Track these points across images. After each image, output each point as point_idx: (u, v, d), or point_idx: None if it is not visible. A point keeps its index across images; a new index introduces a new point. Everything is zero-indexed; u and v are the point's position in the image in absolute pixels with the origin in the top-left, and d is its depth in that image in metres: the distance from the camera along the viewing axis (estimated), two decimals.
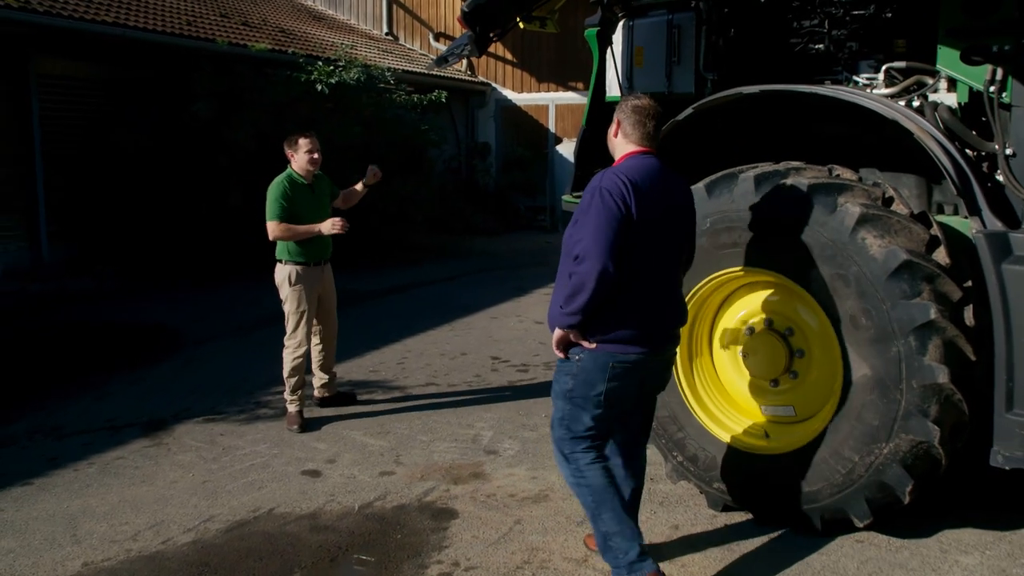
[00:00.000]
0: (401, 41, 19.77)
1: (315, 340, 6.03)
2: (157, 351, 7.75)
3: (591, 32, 5.40)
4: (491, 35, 5.75)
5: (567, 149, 16.86)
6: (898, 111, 3.82)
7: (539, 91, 18.19)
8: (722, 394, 4.43)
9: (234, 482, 4.81)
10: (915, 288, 3.60)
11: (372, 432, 5.61)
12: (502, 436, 5.51)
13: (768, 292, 4.19)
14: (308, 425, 5.71)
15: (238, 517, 4.37)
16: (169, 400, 6.29)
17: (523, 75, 18.39)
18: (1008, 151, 3.83)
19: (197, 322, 8.90)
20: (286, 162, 5.85)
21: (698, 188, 4.16)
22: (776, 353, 4.14)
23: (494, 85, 18.65)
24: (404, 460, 5.13)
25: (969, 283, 3.74)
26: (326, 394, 6.21)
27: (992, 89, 3.84)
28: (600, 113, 5.41)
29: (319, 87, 12.22)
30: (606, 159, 5.36)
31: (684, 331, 4.33)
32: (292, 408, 5.79)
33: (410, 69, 16.48)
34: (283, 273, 5.75)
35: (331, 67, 12.60)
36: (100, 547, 4.06)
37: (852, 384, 3.78)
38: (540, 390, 6.45)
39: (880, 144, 4.30)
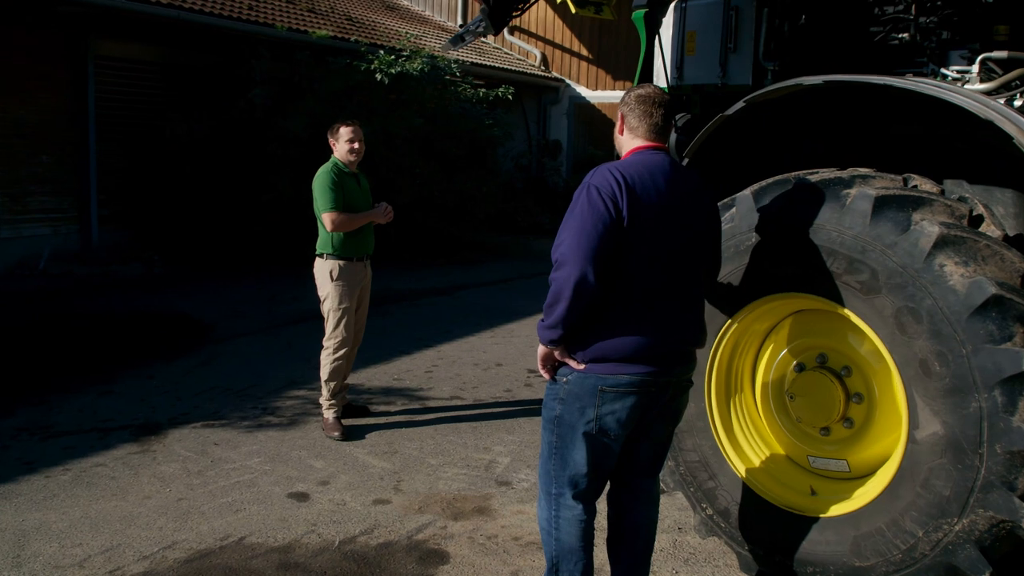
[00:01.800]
0: None
1: None
2: (178, 345, 7.37)
3: (639, 14, 4.78)
4: (514, 11, 5.16)
5: None
6: (995, 110, 3.09)
7: (614, 89, 17.51)
8: (763, 439, 3.76)
9: (212, 502, 4.32)
10: (1005, 330, 2.89)
11: (378, 450, 5.08)
12: (519, 464, 4.92)
13: (823, 322, 3.52)
14: (314, 435, 5.22)
15: (203, 545, 3.87)
16: (173, 401, 5.87)
17: (598, 72, 17.74)
18: None
19: (230, 315, 8.53)
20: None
21: (744, 196, 3.52)
22: (829, 396, 3.46)
23: (568, 81, 18.05)
24: (404, 487, 4.58)
25: None
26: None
27: None
28: None
29: (378, 76, 11.80)
30: None
31: (722, 363, 3.70)
32: (330, 415, 5.36)
33: (480, 62, 15.99)
34: (324, 269, 5.33)
35: (393, 56, 12.18)
36: (40, 574, 3.60)
37: (918, 442, 3.09)
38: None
39: (970, 151, 3.59)
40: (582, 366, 2.91)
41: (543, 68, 18.24)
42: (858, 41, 4.27)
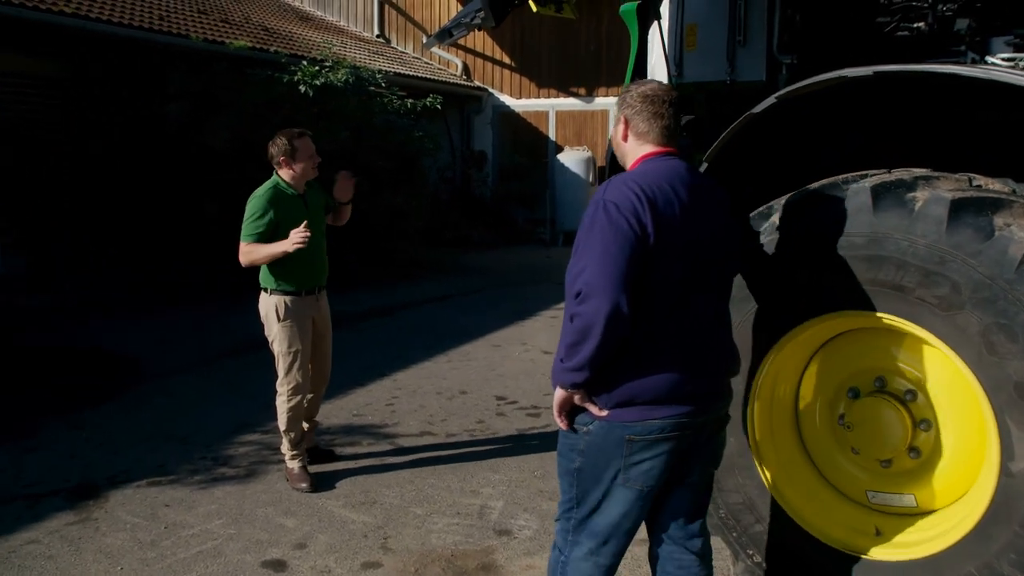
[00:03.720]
0: (393, 44, 18.75)
1: None
2: (105, 386, 6.64)
3: (629, 7, 4.37)
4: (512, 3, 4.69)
5: (568, 158, 15.82)
6: None
7: (539, 97, 17.17)
8: (813, 475, 3.36)
9: None
10: None
11: (354, 501, 4.53)
12: (515, 508, 4.43)
13: (881, 341, 3.14)
14: (279, 488, 4.64)
15: None
16: (108, 455, 5.19)
17: (522, 80, 17.37)
18: None
19: (157, 349, 7.81)
20: (266, 169, 4.78)
21: (790, 203, 3.11)
22: (891, 424, 3.08)
23: (491, 91, 17.63)
24: (393, 544, 4.05)
25: None
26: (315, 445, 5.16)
27: None
28: None
29: (302, 89, 11.19)
30: None
31: (765, 392, 3.29)
32: (295, 465, 4.76)
33: (401, 72, 15.45)
34: (268, 305, 4.65)
35: (316, 68, 11.58)
36: None
37: (1015, 476, 2.72)
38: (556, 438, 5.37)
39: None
40: (605, 412, 2.52)
41: (465, 77, 17.79)
42: (871, 32, 3.94)
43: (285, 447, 4.77)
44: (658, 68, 4.26)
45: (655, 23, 4.22)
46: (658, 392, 2.50)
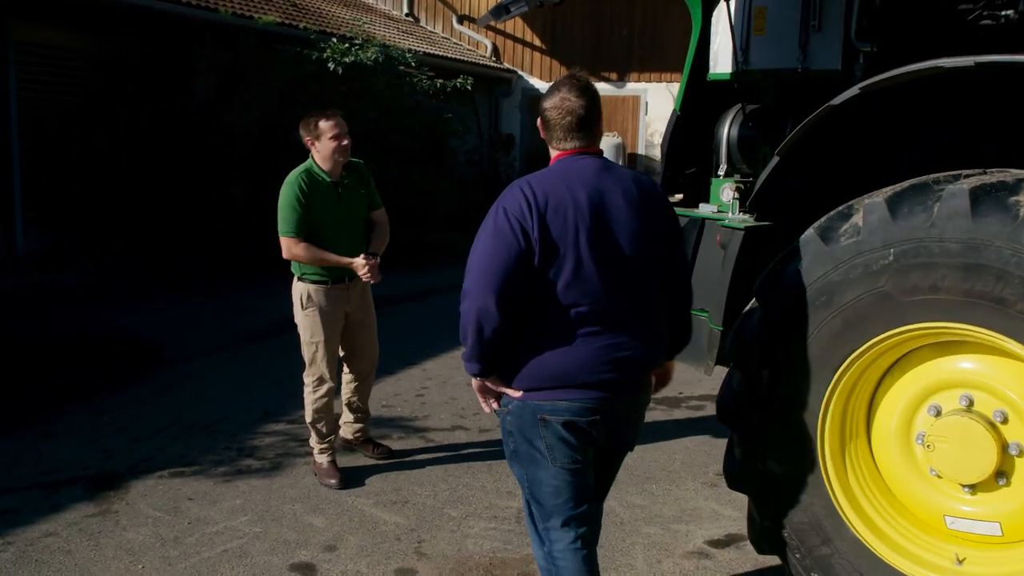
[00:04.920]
0: (422, 23, 18.46)
1: (347, 373, 4.78)
2: (129, 371, 6.47)
3: None
4: None
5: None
6: None
7: None
8: (886, 497, 3.13)
9: None
10: None
11: (385, 500, 4.33)
12: None
13: (972, 357, 2.90)
14: (307, 483, 4.45)
15: None
16: (129, 442, 5.02)
17: (552, 63, 17.05)
18: None
19: (183, 332, 7.63)
20: (300, 152, 4.58)
21: (876, 204, 2.86)
22: (978, 446, 2.83)
23: (520, 73, 17.33)
24: (428, 549, 3.85)
25: None
26: (352, 438, 4.93)
27: None
28: (699, 95, 4.12)
29: (331, 66, 10.96)
30: (705, 153, 4.13)
31: (838, 405, 3.05)
32: (324, 459, 4.57)
33: (431, 52, 15.20)
34: (296, 292, 4.50)
35: (346, 45, 11.34)
36: None
37: None
38: None
39: None
40: (519, 393, 2.68)
41: (494, 59, 17.50)
42: (954, 21, 3.67)
43: (313, 440, 4.58)
44: (722, 53, 4.00)
45: (721, 4, 3.95)
46: (563, 378, 2.62)
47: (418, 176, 12.14)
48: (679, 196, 4.26)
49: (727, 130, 3.98)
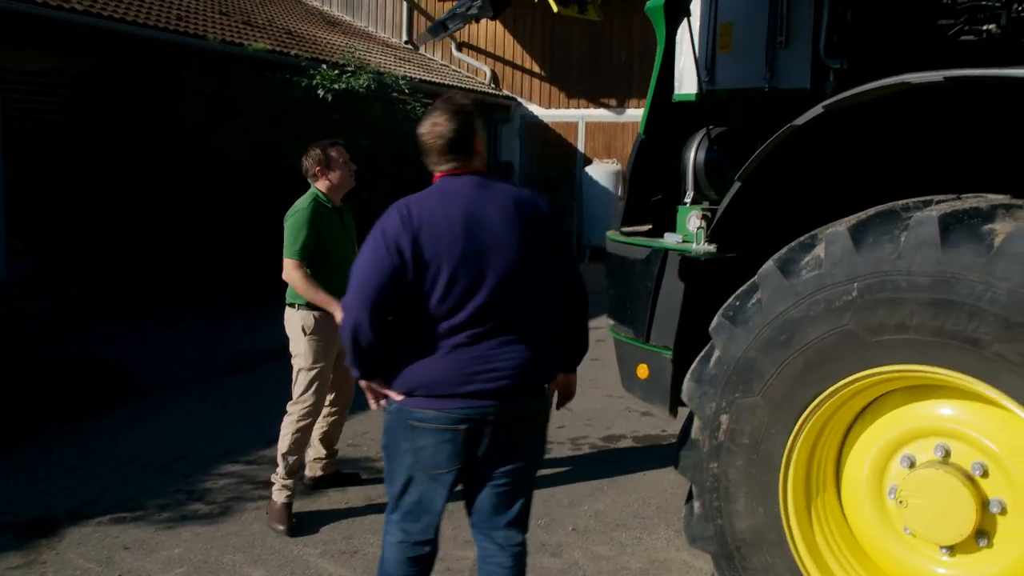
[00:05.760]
0: (421, 51, 18.35)
1: (326, 406, 4.62)
2: (93, 404, 6.22)
3: (656, 4, 3.87)
4: None
5: (596, 171, 15.30)
6: None
7: (568, 107, 16.66)
8: (859, 557, 2.84)
9: None
10: None
11: (335, 550, 4.05)
12: None
13: (947, 403, 2.63)
14: (253, 529, 4.18)
15: None
16: (77, 482, 4.77)
17: (551, 90, 16.87)
18: None
19: (161, 362, 7.43)
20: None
21: (838, 234, 2.61)
22: (956, 503, 2.55)
23: (519, 100, 17.15)
24: None
25: None
26: (322, 473, 4.77)
27: None
28: (664, 117, 3.87)
29: (321, 93, 10.80)
30: (672, 178, 3.88)
31: (802, 456, 2.78)
32: (281, 498, 4.33)
33: (428, 79, 15.05)
34: (295, 321, 4.40)
35: (336, 72, 11.20)
36: None
37: None
38: (565, 484, 4.89)
39: None
40: (400, 397, 2.77)
41: (493, 86, 17.34)
42: (932, 35, 3.43)
43: (279, 474, 4.35)
44: (687, 73, 3.75)
45: (685, 20, 3.72)
46: (434, 386, 2.70)
47: None
48: (647, 226, 4.00)
49: (693, 154, 3.72)
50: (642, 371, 3.68)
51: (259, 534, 4.19)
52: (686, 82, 3.77)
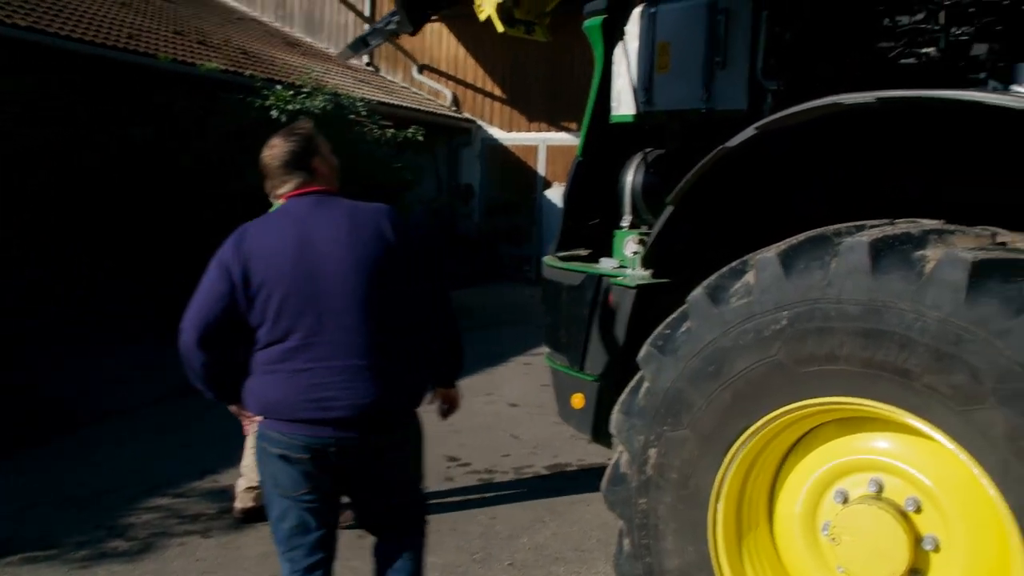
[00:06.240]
0: (382, 72, 18.25)
1: None
2: (28, 433, 5.96)
3: (593, 23, 3.78)
4: (437, 6, 4.11)
5: (557, 194, 15.22)
6: None
7: (529, 131, 16.62)
8: None
9: None
10: None
11: None
12: None
13: (878, 437, 2.53)
14: (174, 567, 3.99)
15: None
16: None
17: (512, 113, 16.82)
18: None
19: (106, 385, 7.17)
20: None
21: (767, 260, 2.51)
22: (889, 540, 2.44)
23: (480, 123, 17.09)
24: None
25: None
26: (253, 504, 4.52)
27: None
28: (602, 139, 3.78)
29: (274, 114, 10.64)
30: (610, 202, 3.79)
31: (732, 491, 2.66)
32: (247, 502, 4.52)
33: (387, 101, 14.93)
34: None
35: (292, 92, 11.04)
36: None
37: None
38: (506, 515, 4.74)
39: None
40: (258, 419, 2.76)
41: (454, 108, 17.27)
42: (872, 58, 3.37)
43: (246, 481, 4.46)
44: (625, 94, 3.66)
45: (623, 39, 3.63)
46: (278, 410, 2.68)
47: None
48: (585, 251, 3.89)
49: (631, 177, 3.63)
50: (577, 401, 3.57)
51: (180, 571, 3.99)
52: (623, 103, 3.68)
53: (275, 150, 2.81)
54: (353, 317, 2.66)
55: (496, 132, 16.96)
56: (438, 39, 17.44)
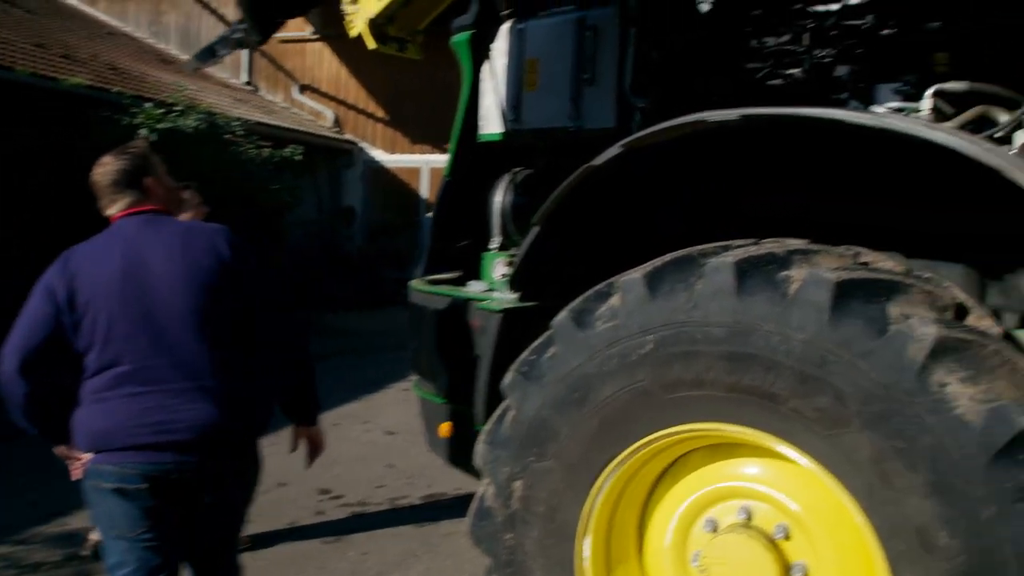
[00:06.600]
0: (262, 92, 17.81)
1: None
2: None
3: (461, 38, 3.67)
4: (287, 13, 3.93)
5: None
6: (1002, 156, 2.15)
7: (412, 152, 16.45)
8: None
9: None
10: None
11: None
12: None
13: (747, 463, 2.46)
14: None
15: None
16: None
17: (395, 134, 16.64)
18: None
19: None
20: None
21: (632, 282, 2.42)
22: (757, 569, 2.37)
23: (362, 144, 16.83)
24: None
25: None
26: None
27: None
28: (471, 158, 3.66)
29: (143, 132, 10.19)
30: (479, 223, 3.67)
31: (601, 521, 2.55)
32: None
33: (266, 121, 14.54)
34: None
35: (162, 111, 10.62)
36: None
37: None
38: (377, 550, 4.54)
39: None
40: (86, 457, 2.60)
41: (336, 129, 16.97)
42: (740, 78, 3.35)
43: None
44: (493, 111, 3.56)
45: (491, 55, 3.53)
46: (112, 440, 2.53)
47: None
48: (455, 273, 3.76)
49: (499, 197, 3.52)
50: (445, 430, 3.42)
51: None
52: (492, 121, 3.58)
53: (105, 168, 2.72)
54: (189, 338, 2.58)
55: (379, 154, 16.74)
56: (319, 59, 17.15)
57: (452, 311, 3.32)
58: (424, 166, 16.34)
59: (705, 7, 3.33)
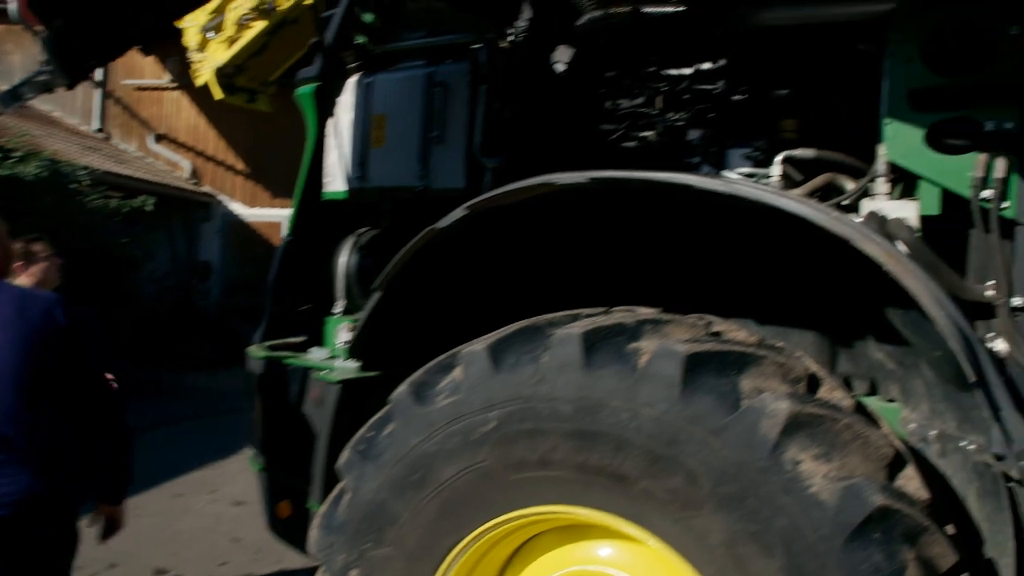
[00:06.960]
0: (115, 140, 17.05)
1: None
2: None
3: (306, 90, 3.48)
4: (101, 57, 3.66)
5: None
6: (849, 224, 2.10)
7: (273, 206, 15.99)
8: None
9: None
10: (893, 558, 1.84)
11: None
12: None
13: (600, 546, 2.31)
14: None
15: None
16: None
17: (255, 188, 16.17)
18: (1017, 301, 2.22)
19: None
20: None
21: (475, 355, 2.25)
22: None
23: (220, 197, 16.28)
24: None
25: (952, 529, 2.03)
26: None
27: (985, 195, 2.23)
28: (314, 217, 3.46)
29: None
30: (323, 286, 3.47)
31: None
32: None
33: (117, 171, 13.89)
34: None
35: (0, 156, 9.98)
36: None
37: None
38: None
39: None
40: None
41: (193, 181, 16.36)
42: (594, 139, 3.28)
43: None
44: (337, 169, 3.38)
45: (336, 111, 3.35)
46: None
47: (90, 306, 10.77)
48: (299, 339, 3.52)
49: (343, 259, 3.33)
50: (284, 509, 3.16)
51: None
52: (336, 178, 3.39)
53: None
54: (7, 404, 2.49)
55: (238, 207, 16.22)
56: (177, 108, 16.58)
57: (289, 380, 3.09)
58: (285, 221, 15.83)
59: (560, 67, 3.26)
